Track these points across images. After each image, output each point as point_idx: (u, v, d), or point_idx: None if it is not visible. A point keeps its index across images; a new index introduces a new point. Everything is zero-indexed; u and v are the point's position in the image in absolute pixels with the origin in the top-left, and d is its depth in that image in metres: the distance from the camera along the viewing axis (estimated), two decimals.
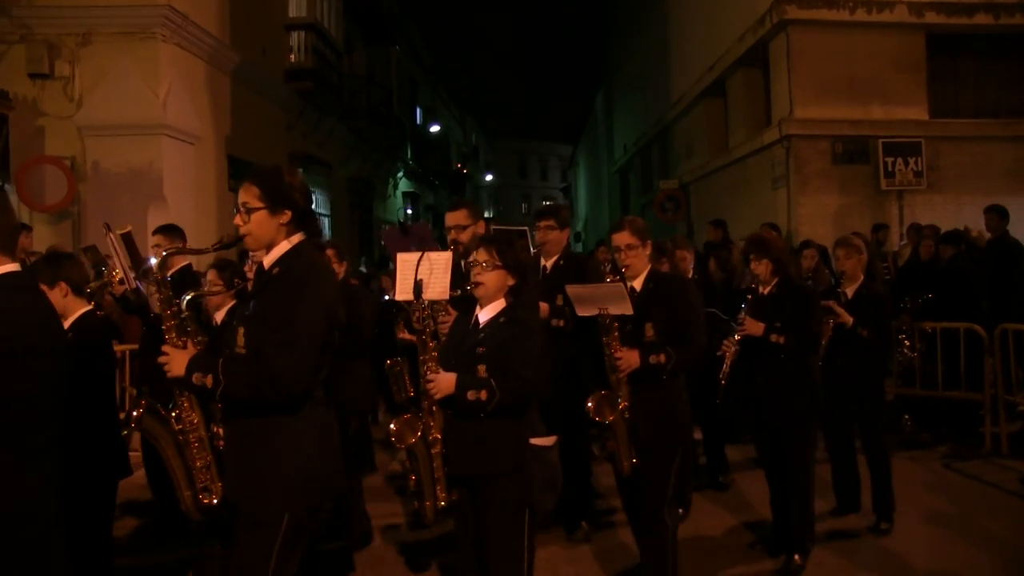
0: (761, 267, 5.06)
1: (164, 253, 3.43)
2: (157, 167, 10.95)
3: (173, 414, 3.19)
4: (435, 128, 33.14)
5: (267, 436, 2.98)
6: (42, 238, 9.84)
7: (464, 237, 4.81)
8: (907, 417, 8.32)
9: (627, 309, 4.15)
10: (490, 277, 3.67)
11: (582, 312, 4.32)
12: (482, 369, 3.52)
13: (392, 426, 3.60)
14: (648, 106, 24.70)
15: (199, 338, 3.22)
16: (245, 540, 2.99)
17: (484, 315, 3.71)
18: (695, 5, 19.15)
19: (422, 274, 3.81)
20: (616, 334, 4.17)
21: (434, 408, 3.62)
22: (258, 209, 3.08)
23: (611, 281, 4.29)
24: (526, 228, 5.21)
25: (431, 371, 3.61)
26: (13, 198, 10.29)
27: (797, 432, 5.01)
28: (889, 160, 13.24)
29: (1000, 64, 14.43)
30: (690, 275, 6.69)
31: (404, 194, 28.37)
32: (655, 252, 6.18)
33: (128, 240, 5.78)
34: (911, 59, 13.78)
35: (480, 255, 3.70)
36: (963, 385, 7.94)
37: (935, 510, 6.15)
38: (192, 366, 3.00)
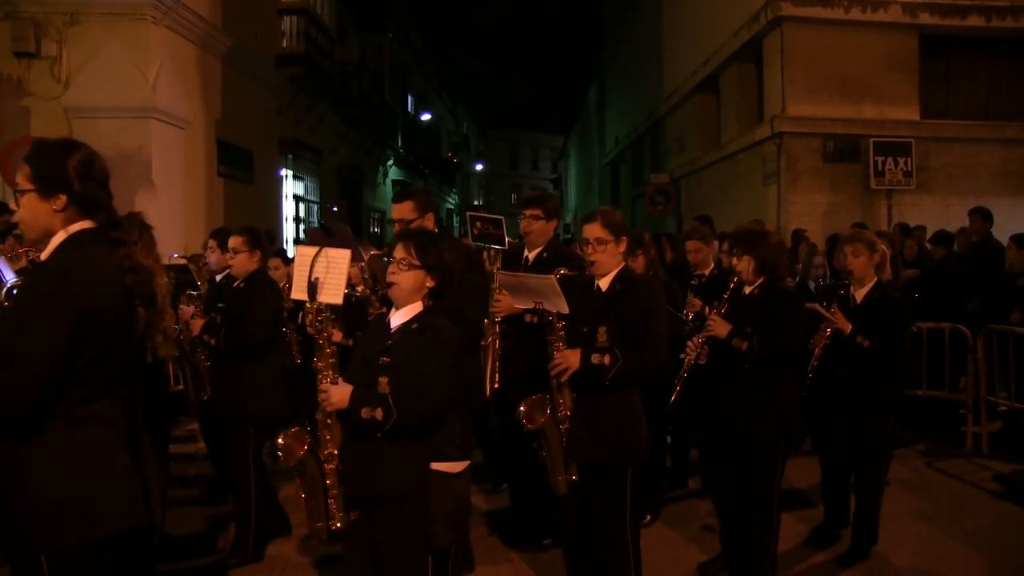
0: (743, 264, 4.43)
1: None
2: (146, 151, 10.87)
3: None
4: (426, 116, 33.04)
5: (12, 462, 2.53)
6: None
7: None
8: None
9: (561, 307, 3.82)
10: (405, 277, 3.31)
11: (519, 304, 4.09)
12: (384, 382, 3.18)
13: (280, 440, 3.26)
14: (641, 99, 24.69)
15: None
16: None
17: (396, 319, 3.36)
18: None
19: (319, 272, 3.43)
20: (561, 333, 3.83)
21: (329, 421, 3.29)
22: (28, 191, 2.64)
23: (563, 274, 4.00)
24: (502, 217, 5.00)
25: (326, 380, 3.26)
26: None
27: (758, 459, 4.36)
28: (879, 159, 13.31)
29: (991, 66, 14.52)
30: (707, 269, 6.29)
31: (394, 182, 28.30)
32: (631, 245, 5.95)
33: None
34: (904, 59, 13.83)
35: (397, 252, 3.36)
36: (947, 385, 7.97)
37: (916, 508, 6.16)
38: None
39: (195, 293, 5.36)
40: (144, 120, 10.87)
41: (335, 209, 7.45)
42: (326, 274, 3.42)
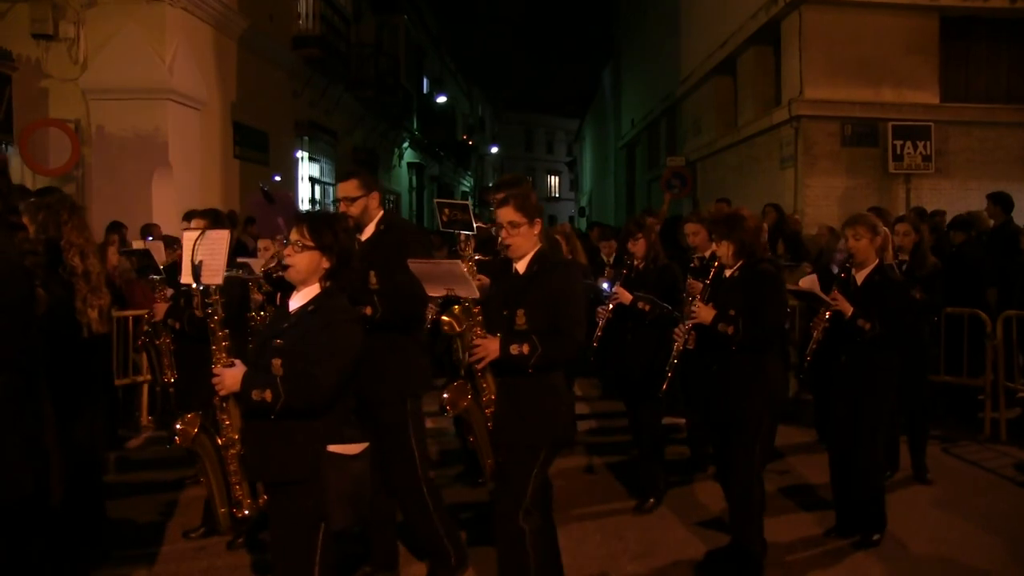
0: (723, 249, 4.56)
1: None
2: (162, 132, 10.92)
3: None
4: (442, 99, 32.97)
5: None
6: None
7: (354, 210, 4.45)
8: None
9: (471, 293, 3.77)
10: (300, 259, 3.29)
11: (431, 292, 3.96)
12: (277, 364, 3.17)
13: (177, 425, 3.24)
14: (657, 81, 24.55)
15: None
16: None
17: (294, 302, 3.37)
18: None
19: (201, 254, 3.33)
20: (479, 318, 3.77)
21: (225, 404, 3.29)
22: None
23: (479, 259, 4.00)
24: (468, 203, 4.91)
25: (220, 363, 3.25)
26: (16, 160, 10.28)
27: (743, 434, 4.50)
28: (898, 143, 13.19)
29: (1012, 49, 14.35)
30: (707, 252, 6.05)
31: (409, 164, 28.28)
32: (639, 228, 5.87)
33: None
34: (924, 42, 13.69)
35: (292, 234, 3.34)
36: (965, 371, 7.93)
37: (934, 494, 6.14)
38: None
39: (157, 277, 5.30)
40: (161, 101, 10.92)
41: (278, 178, 7.47)
42: (209, 256, 3.36)
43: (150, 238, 7.95)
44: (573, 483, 6.46)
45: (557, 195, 60.72)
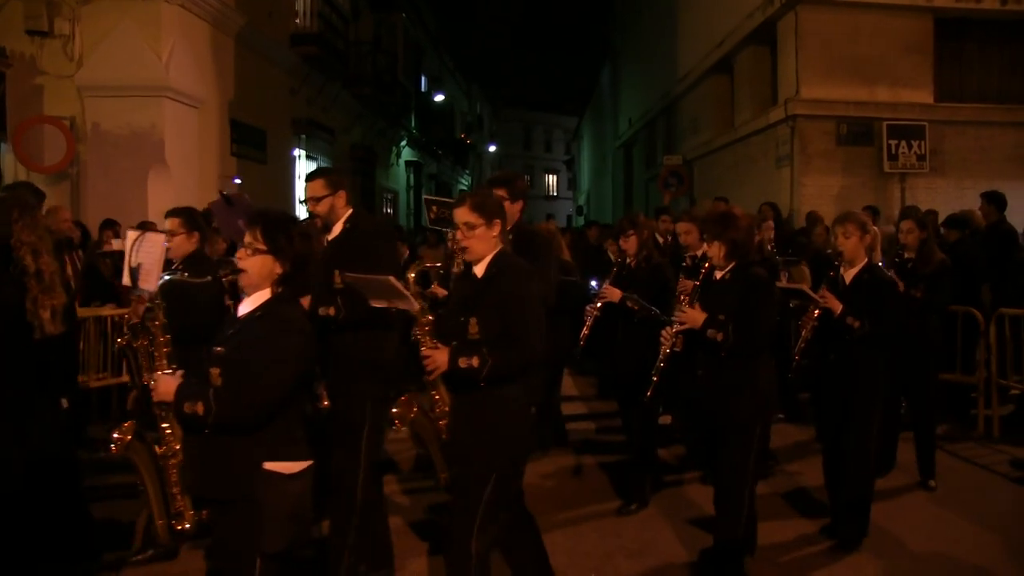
0: (713, 249, 4.39)
1: None
2: (159, 130, 10.91)
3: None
4: (440, 97, 32.95)
5: None
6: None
7: (321, 209, 4.39)
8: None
9: (410, 305, 3.63)
10: (252, 263, 3.14)
11: (375, 304, 3.86)
12: (215, 374, 3.01)
13: (115, 434, 3.11)
14: (654, 81, 24.57)
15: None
16: None
17: (244, 307, 3.21)
18: None
19: (141, 258, 3.29)
20: (427, 328, 3.60)
21: (162, 414, 3.18)
22: None
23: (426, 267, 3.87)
24: (452, 200, 4.84)
25: (160, 370, 3.14)
26: (10, 158, 10.28)
27: (735, 443, 4.36)
28: (893, 143, 13.23)
29: (1006, 50, 14.41)
30: (699, 251, 6.00)
31: (407, 163, 28.28)
32: (635, 225, 5.76)
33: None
34: (918, 42, 13.72)
35: (246, 237, 3.19)
36: (959, 368, 7.95)
37: (930, 491, 6.19)
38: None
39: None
40: (157, 99, 10.91)
41: (238, 181, 7.48)
42: (147, 259, 3.29)
43: (132, 230, 7.92)
44: (569, 482, 6.50)
45: (555, 194, 60.73)
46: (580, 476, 6.67)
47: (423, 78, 30.79)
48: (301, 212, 17.12)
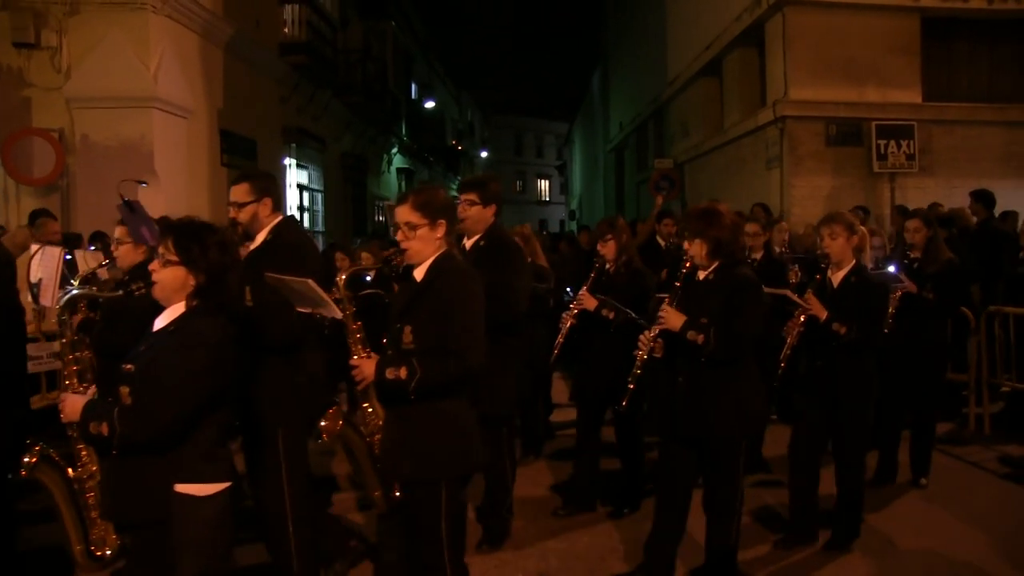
0: (695, 248, 4.12)
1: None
2: (148, 141, 10.89)
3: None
4: (430, 104, 32.99)
5: None
6: (29, 211, 9.78)
7: (243, 217, 4.11)
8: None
9: (332, 312, 3.46)
10: (164, 275, 2.99)
11: (300, 307, 3.68)
12: (124, 392, 2.89)
13: (26, 458, 3.02)
14: (644, 85, 24.63)
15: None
16: None
17: (159, 322, 3.05)
18: None
19: (40, 272, 3.16)
20: (359, 336, 3.42)
21: (73, 434, 3.04)
22: None
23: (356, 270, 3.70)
24: None
25: (70, 389, 3.03)
26: None
27: (720, 455, 4.19)
28: (882, 143, 13.29)
29: (993, 49, 14.49)
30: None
31: (399, 170, 28.29)
32: (615, 231, 5.56)
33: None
34: (906, 42, 13.78)
35: (159, 247, 3.03)
36: (949, 366, 7.97)
37: (920, 489, 6.19)
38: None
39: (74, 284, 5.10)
40: (146, 110, 10.89)
41: (144, 184, 7.52)
42: (46, 275, 3.16)
43: (92, 248, 7.89)
44: (562, 487, 6.47)
45: (548, 199, 60.79)
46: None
47: (413, 85, 30.81)
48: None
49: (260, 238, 4.13)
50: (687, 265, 4.19)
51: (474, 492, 5.09)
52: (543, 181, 61.61)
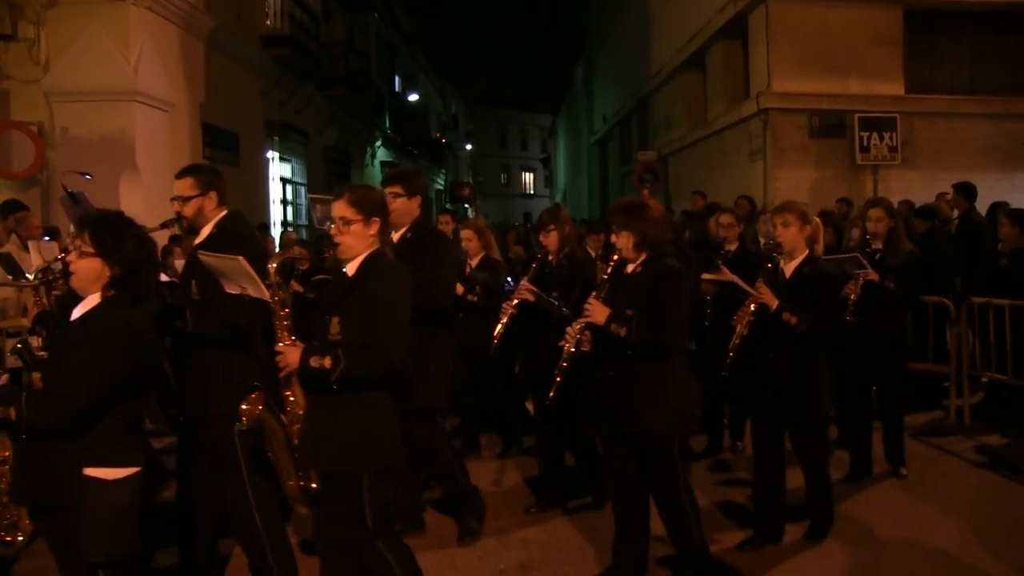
0: (622, 241, 4.07)
1: None
2: (129, 134, 10.80)
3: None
4: (414, 97, 32.89)
5: None
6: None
7: (188, 211, 4.09)
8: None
9: (261, 293, 3.49)
10: (80, 266, 3.08)
11: (228, 289, 3.69)
12: (36, 379, 3.00)
13: None
14: (628, 77, 24.64)
15: None
16: None
17: (76, 312, 3.13)
18: None
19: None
20: (286, 322, 3.42)
21: None
22: None
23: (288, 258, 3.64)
24: (332, 197, 4.62)
25: None
26: None
27: (655, 454, 4.06)
28: (865, 135, 13.36)
29: (975, 41, 14.58)
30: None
31: (383, 163, 28.20)
32: (558, 222, 5.43)
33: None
34: (889, 34, 13.84)
35: (78, 239, 3.12)
36: (930, 358, 8.03)
37: (899, 479, 6.22)
38: None
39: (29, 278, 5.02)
40: (127, 103, 10.79)
41: (89, 176, 7.47)
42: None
43: (46, 238, 7.82)
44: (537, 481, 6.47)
45: (532, 192, 60.81)
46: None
47: (397, 78, 30.71)
48: (276, 213, 17.08)
49: (205, 232, 4.13)
50: (614, 258, 4.15)
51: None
52: (527, 174, 61.62)
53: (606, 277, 4.12)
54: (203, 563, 4.28)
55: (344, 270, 3.52)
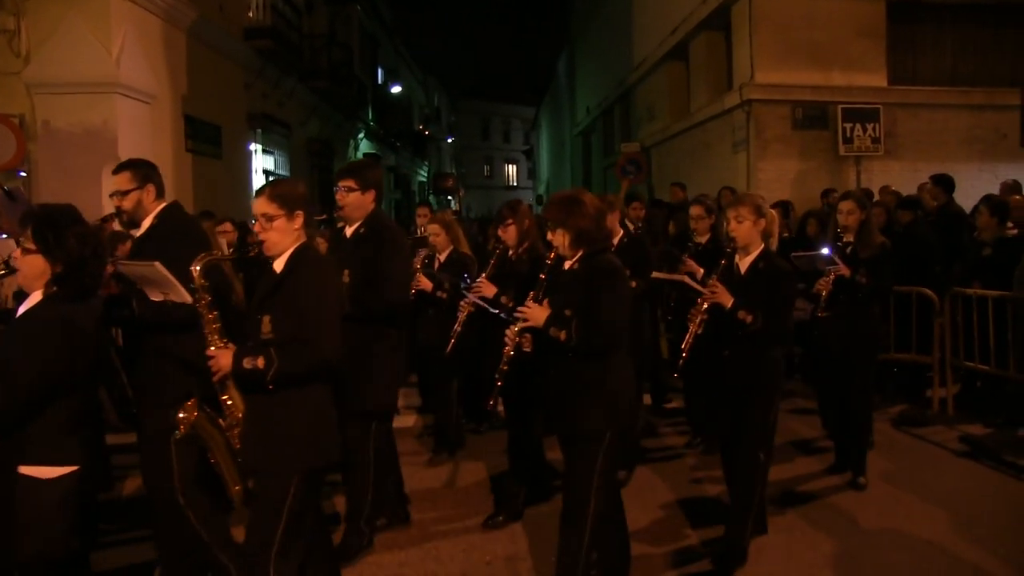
0: (558, 238, 3.87)
1: None
2: (111, 127, 10.70)
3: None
4: (397, 89, 32.80)
5: None
6: None
7: (126, 205, 4.07)
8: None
9: (182, 297, 3.46)
10: (25, 263, 3.10)
11: (153, 296, 3.63)
12: None
13: None
14: (611, 69, 24.63)
15: None
16: None
17: (22, 308, 3.16)
18: None
19: None
20: (215, 325, 3.34)
21: None
22: None
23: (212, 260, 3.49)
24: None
25: None
26: None
27: (583, 452, 3.83)
28: (847, 126, 13.40)
29: (957, 33, 14.65)
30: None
31: (365, 155, 28.10)
32: (516, 216, 5.36)
33: None
34: (872, 26, 13.89)
35: (22, 236, 3.14)
36: (913, 348, 8.09)
37: (883, 469, 6.28)
38: None
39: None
40: (108, 95, 10.69)
41: (23, 174, 7.43)
42: None
43: (4, 235, 7.78)
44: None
45: (515, 184, 60.77)
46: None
47: (379, 70, 30.60)
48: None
49: (145, 224, 4.11)
50: (551, 256, 3.97)
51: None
52: (510, 166, 61.58)
53: (543, 277, 3.93)
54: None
55: (272, 266, 3.48)
